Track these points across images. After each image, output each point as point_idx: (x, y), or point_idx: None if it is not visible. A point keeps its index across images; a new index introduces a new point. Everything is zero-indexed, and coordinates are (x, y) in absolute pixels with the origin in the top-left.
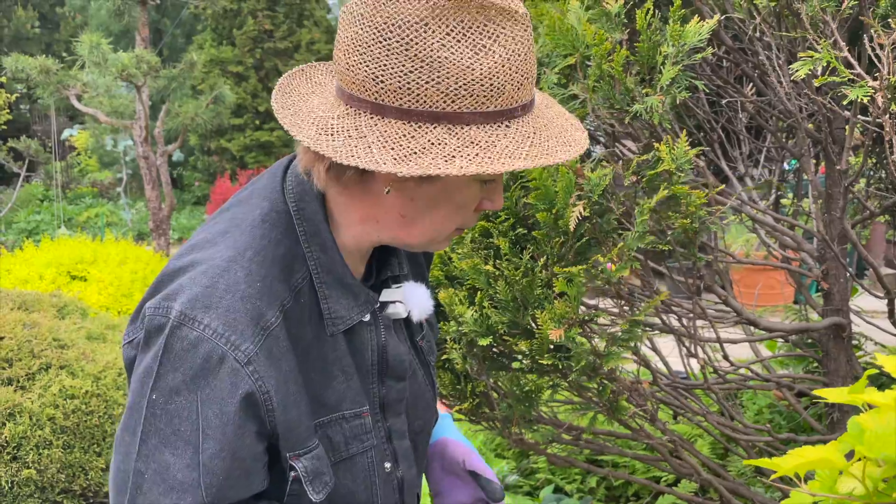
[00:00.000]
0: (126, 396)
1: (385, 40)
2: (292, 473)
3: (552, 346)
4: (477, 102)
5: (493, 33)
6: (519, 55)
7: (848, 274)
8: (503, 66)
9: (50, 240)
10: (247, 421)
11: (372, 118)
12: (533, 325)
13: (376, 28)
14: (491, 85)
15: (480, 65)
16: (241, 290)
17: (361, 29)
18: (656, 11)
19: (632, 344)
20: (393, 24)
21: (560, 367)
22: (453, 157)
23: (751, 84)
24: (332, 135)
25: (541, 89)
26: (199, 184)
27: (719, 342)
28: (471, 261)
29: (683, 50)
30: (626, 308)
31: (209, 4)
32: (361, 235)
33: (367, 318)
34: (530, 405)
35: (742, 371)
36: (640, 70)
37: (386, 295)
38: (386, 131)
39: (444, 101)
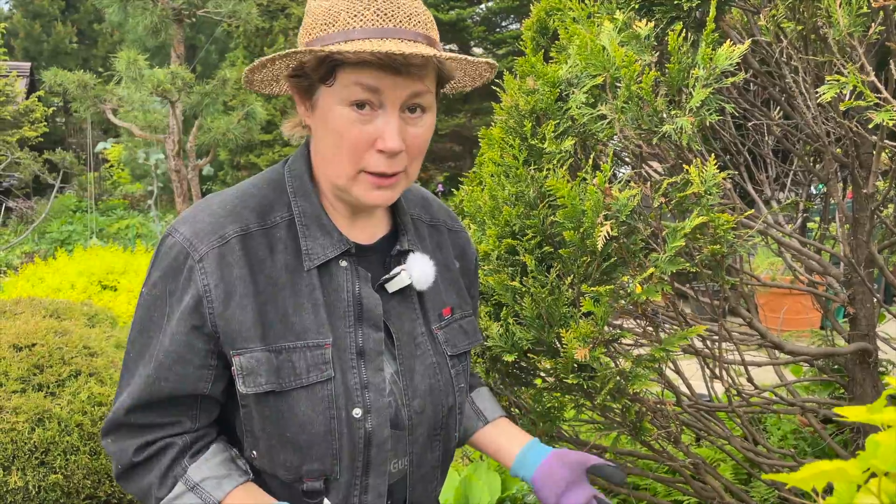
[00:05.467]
0: None
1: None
2: (233, 368)
3: (576, 366)
4: (319, 29)
5: None
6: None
7: (875, 299)
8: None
9: (83, 250)
10: (191, 315)
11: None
12: (557, 343)
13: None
14: (328, 12)
15: (320, 4)
16: (212, 211)
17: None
18: (687, 34)
19: (657, 366)
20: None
21: (585, 386)
22: (298, 55)
23: (778, 107)
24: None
25: (568, 108)
26: None
27: (744, 365)
28: (498, 276)
29: (715, 73)
30: (649, 329)
31: (242, 23)
32: (324, 181)
33: (345, 263)
34: (553, 422)
35: (766, 395)
36: (669, 91)
37: (394, 264)
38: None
39: (307, 35)
